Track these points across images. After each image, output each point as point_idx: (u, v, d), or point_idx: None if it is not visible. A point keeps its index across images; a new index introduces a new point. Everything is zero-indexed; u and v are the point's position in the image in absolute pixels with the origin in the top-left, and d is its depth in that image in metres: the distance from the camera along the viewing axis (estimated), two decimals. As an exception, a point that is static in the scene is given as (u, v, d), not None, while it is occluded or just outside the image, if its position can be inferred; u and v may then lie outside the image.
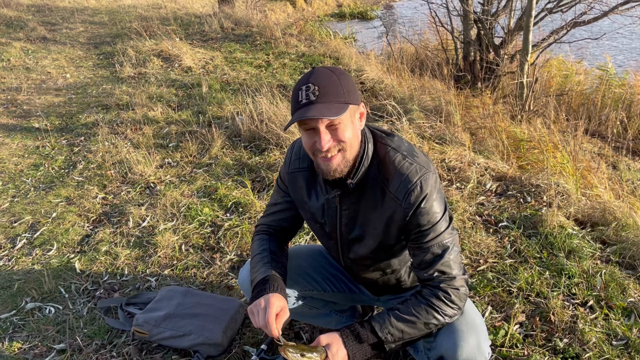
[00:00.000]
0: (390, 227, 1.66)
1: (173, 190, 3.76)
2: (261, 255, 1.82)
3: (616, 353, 2.16)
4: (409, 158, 1.62)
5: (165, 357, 2.32)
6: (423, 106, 5.10)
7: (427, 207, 1.58)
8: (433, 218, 1.60)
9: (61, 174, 4.27)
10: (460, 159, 3.88)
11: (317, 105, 1.47)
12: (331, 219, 1.77)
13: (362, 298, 2.14)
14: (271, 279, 1.71)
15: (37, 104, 5.96)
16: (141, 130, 4.88)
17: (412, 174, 1.59)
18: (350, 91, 1.52)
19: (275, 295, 1.64)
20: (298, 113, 1.49)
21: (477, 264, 2.78)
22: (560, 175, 3.67)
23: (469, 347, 1.64)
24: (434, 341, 1.71)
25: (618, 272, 2.63)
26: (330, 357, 1.56)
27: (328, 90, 1.48)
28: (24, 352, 2.41)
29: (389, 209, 1.63)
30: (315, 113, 1.46)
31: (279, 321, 1.61)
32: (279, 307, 1.62)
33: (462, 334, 1.65)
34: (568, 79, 7.00)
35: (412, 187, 1.58)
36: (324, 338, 1.60)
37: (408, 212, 1.59)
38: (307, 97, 1.47)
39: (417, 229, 1.61)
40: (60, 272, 2.97)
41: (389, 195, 1.62)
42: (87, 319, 2.59)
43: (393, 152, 1.64)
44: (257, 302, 1.63)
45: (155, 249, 3.11)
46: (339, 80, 1.51)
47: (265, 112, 4.62)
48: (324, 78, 1.50)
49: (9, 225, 3.53)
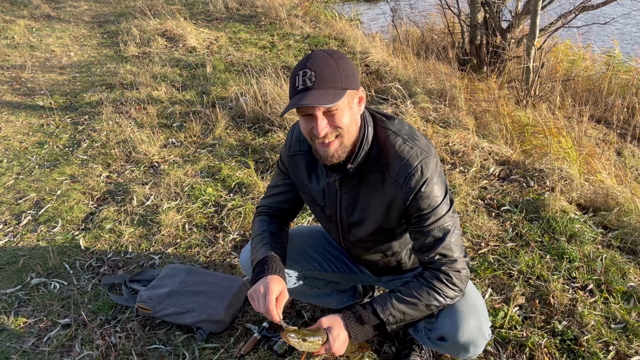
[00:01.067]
0: (391, 211, 1.67)
1: (177, 170, 3.77)
2: (261, 236, 1.83)
3: (614, 336, 2.18)
4: (410, 142, 1.61)
5: (168, 333, 2.35)
6: (428, 89, 5.08)
7: (427, 191, 1.58)
8: (434, 202, 1.60)
9: (65, 152, 4.29)
10: (464, 143, 3.87)
11: (313, 91, 1.45)
12: (331, 202, 1.77)
13: (363, 278, 2.16)
14: (270, 260, 1.72)
15: (42, 82, 5.96)
16: (145, 110, 4.88)
17: (413, 158, 1.58)
18: (348, 76, 1.50)
19: (274, 279, 1.65)
20: (294, 100, 1.47)
21: (478, 247, 2.80)
22: (564, 160, 3.67)
23: (469, 329, 1.66)
24: (435, 322, 1.73)
25: (619, 257, 2.64)
26: (331, 340, 1.58)
27: (325, 76, 1.45)
28: (29, 326, 2.45)
29: (389, 193, 1.63)
30: (310, 101, 1.44)
31: (279, 305, 1.62)
32: (278, 291, 1.63)
33: (463, 315, 1.66)
34: (575, 65, 6.94)
35: (412, 171, 1.57)
36: (326, 321, 1.62)
37: (409, 196, 1.59)
38: (303, 83, 1.46)
39: (418, 213, 1.62)
40: (65, 249, 3.00)
41: (389, 180, 1.62)
42: (91, 295, 2.63)
43: (393, 136, 1.62)
44: (256, 287, 1.64)
45: (159, 228, 3.13)
46: (336, 65, 1.48)
47: (269, 93, 4.61)
48: (321, 63, 1.47)
49: (14, 202, 3.56)
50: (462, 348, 1.70)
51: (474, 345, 1.69)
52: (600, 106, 6.04)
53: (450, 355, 2.00)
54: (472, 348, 1.70)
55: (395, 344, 2.18)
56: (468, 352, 1.72)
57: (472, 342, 1.68)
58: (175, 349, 2.25)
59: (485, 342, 1.73)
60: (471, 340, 1.68)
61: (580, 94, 6.26)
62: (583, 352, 2.10)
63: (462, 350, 1.72)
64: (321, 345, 1.59)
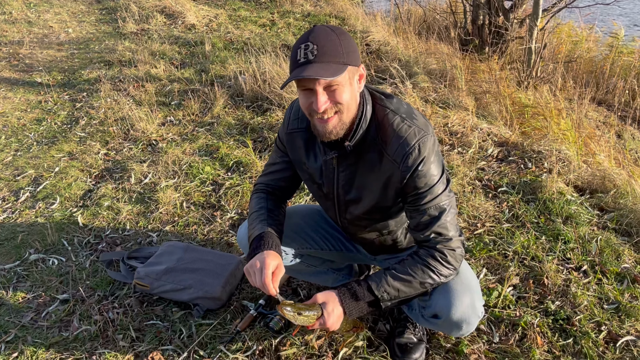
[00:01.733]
0: (388, 189, 1.67)
1: (175, 148, 3.77)
2: (258, 213, 1.84)
3: (607, 316, 2.20)
4: (408, 120, 1.61)
5: (165, 309, 2.38)
6: (428, 70, 5.05)
7: (424, 170, 1.59)
8: (430, 180, 1.60)
9: (63, 129, 4.28)
10: (463, 124, 3.86)
11: (314, 65, 1.44)
12: (328, 180, 1.78)
13: (359, 257, 2.18)
14: (266, 236, 1.73)
15: (39, 59, 5.91)
16: (143, 88, 4.85)
17: (411, 137, 1.58)
18: (350, 52, 1.49)
19: (271, 254, 1.66)
20: (295, 72, 1.46)
21: (474, 227, 2.81)
22: (563, 142, 3.66)
23: (463, 307, 1.68)
24: (429, 300, 1.75)
25: (614, 239, 2.65)
26: (326, 315, 1.60)
27: (327, 50, 1.45)
28: (28, 301, 2.48)
29: (386, 171, 1.64)
30: (311, 73, 1.43)
31: (275, 279, 1.63)
32: (274, 266, 1.64)
33: (457, 293, 1.68)
34: (577, 46, 6.88)
35: (410, 149, 1.57)
36: (321, 296, 1.64)
37: (405, 174, 1.59)
38: (305, 56, 1.45)
39: (414, 192, 1.62)
40: (63, 226, 3.01)
41: (386, 158, 1.62)
42: (89, 271, 2.65)
43: (392, 115, 1.62)
44: (253, 262, 1.65)
45: (157, 206, 3.14)
46: (338, 40, 1.47)
47: (268, 72, 4.59)
48: (324, 37, 1.46)
49: (12, 178, 3.56)
50: (455, 325, 1.73)
51: (466, 322, 1.71)
52: (601, 88, 6.00)
53: (444, 332, 2.02)
54: (465, 326, 1.73)
55: (389, 321, 2.21)
56: (461, 329, 1.74)
57: (465, 320, 1.70)
58: (172, 325, 2.28)
59: (478, 320, 1.75)
60: (464, 318, 1.70)
61: (582, 75, 6.22)
62: (575, 332, 2.13)
63: (455, 327, 1.74)
64: (316, 319, 1.61)
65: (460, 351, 2.04)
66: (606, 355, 2.03)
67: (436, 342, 2.10)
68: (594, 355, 2.03)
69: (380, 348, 2.08)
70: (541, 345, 2.07)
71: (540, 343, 2.08)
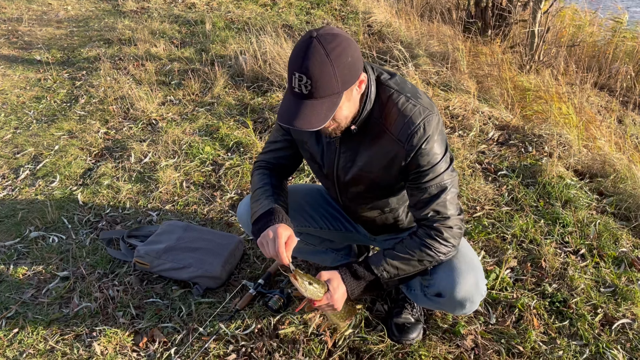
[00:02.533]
0: (391, 168, 1.67)
1: (175, 128, 3.76)
2: (263, 189, 1.83)
3: (603, 299, 2.22)
4: (413, 100, 1.60)
5: (165, 287, 2.39)
6: (430, 52, 5.01)
7: (427, 149, 1.59)
8: (433, 159, 1.60)
9: (63, 107, 4.26)
10: (464, 107, 3.84)
11: (307, 104, 1.42)
12: (330, 160, 1.78)
13: (359, 237, 2.19)
14: (276, 211, 1.73)
15: (39, 36, 5.86)
16: (143, 67, 4.82)
17: (416, 116, 1.58)
18: (345, 75, 1.43)
19: (282, 225, 1.67)
20: (288, 107, 1.46)
21: (473, 210, 2.81)
22: (564, 126, 3.65)
23: (467, 285, 1.69)
24: (432, 279, 1.76)
25: (612, 223, 2.66)
26: (332, 290, 1.64)
27: (321, 84, 1.40)
28: (28, 277, 2.49)
29: (390, 150, 1.63)
30: (302, 125, 1.43)
31: (288, 249, 1.64)
32: (286, 236, 1.65)
33: (461, 272, 1.69)
34: (580, 30, 6.82)
35: (415, 129, 1.57)
36: (325, 274, 1.67)
37: (410, 153, 1.59)
38: (299, 88, 1.42)
39: (417, 170, 1.63)
40: (63, 204, 3.02)
41: (390, 137, 1.62)
42: (89, 249, 2.66)
43: (396, 94, 1.61)
44: (265, 233, 1.66)
45: (157, 185, 3.14)
46: (333, 70, 1.40)
47: (269, 52, 4.55)
48: (318, 68, 1.39)
49: (12, 156, 3.56)
50: (459, 304, 1.74)
51: (470, 301, 1.73)
52: (604, 73, 5.97)
53: (446, 311, 2.04)
54: (469, 304, 1.74)
55: (387, 302, 2.23)
56: (464, 308, 1.76)
57: (468, 299, 1.72)
58: (172, 303, 2.29)
59: (481, 298, 1.76)
60: (468, 297, 1.72)
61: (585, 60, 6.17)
62: (571, 314, 2.15)
63: (459, 306, 1.75)
64: (323, 294, 1.64)
65: (457, 332, 2.06)
66: (601, 337, 2.05)
67: (433, 323, 2.12)
68: (590, 337, 2.05)
69: (378, 328, 2.10)
70: (537, 327, 2.09)
71: (537, 325, 2.10)
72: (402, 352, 1.98)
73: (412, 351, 1.98)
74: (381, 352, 1.98)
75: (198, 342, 2.07)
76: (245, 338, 2.08)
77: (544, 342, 2.03)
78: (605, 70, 5.99)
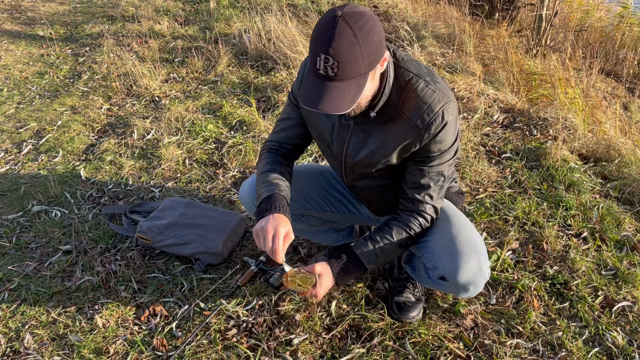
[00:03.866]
0: (402, 152, 1.65)
1: (178, 105, 3.74)
2: (267, 174, 1.81)
3: (604, 282, 2.22)
4: (432, 85, 1.56)
5: (167, 263, 2.40)
6: (436, 34, 4.96)
7: (442, 137, 1.58)
8: (443, 147, 1.60)
9: (66, 83, 4.24)
10: (469, 89, 3.82)
11: (334, 85, 1.38)
12: (339, 140, 1.75)
13: (361, 219, 2.18)
14: (276, 198, 1.71)
15: (42, 12, 5.82)
16: (147, 44, 4.79)
17: (435, 103, 1.54)
18: (371, 55, 1.39)
19: (282, 220, 1.65)
20: (313, 89, 1.41)
21: (476, 192, 2.81)
22: (569, 109, 3.63)
23: (470, 268, 1.69)
24: (436, 262, 1.76)
25: (615, 207, 2.65)
26: (318, 286, 1.69)
27: (347, 66, 1.36)
28: (31, 251, 2.50)
29: (405, 135, 1.61)
30: (329, 108, 1.39)
31: (283, 246, 1.64)
32: (284, 232, 1.64)
33: (464, 256, 1.69)
34: (588, 15, 6.74)
35: (434, 116, 1.54)
36: (319, 267, 1.71)
37: (425, 140, 1.58)
38: (324, 70, 1.37)
39: (426, 154, 1.62)
40: (66, 179, 3.02)
41: (407, 123, 1.58)
42: (92, 224, 2.66)
43: (415, 79, 1.57)
44: (265, 226, 1.63)
45: (159, 162, 3.14)
46: (361, 50, 1.36)
47: (273, 30, 4.51)
48: (346, 50, 1.34)
49: (15, 131, 3.55)
50: (463, 288, 1.74)
51: (474, 285, 1.73)
52: (611, 59, 5.90)
53: (450, 293, 2.04)
54: (472, 287, 1.74)
55: (388, 280, 2.23)
56: (468, 291, 1.76)
57: (472, 282, 1.71)
58: (173, 278, 2.30)
59: (485, 281, 1.76)
60: (472, 280, 1.71)
61: (592, 45, 6.11)
62: (572, 296, 2.15)
63: (463, 289, 1.75)
64: (309, 288, 1.69)
65: (457, 311, 2.07)
66: (601, 319, 2.06)
67: (433, 302, 2.13)
68: (590, 318, 2.05)
69: (378, 306, 2.11)
70: (537, 308, 2.10)
71: (537, 306, 2.10)
72: (401, 330, 1.99)
73: (412, 329, 1.99)
74: (381, 330, 1.99)
75: (199, 317, 2.08)
76: (246, 313, 2.09)
77: (544, 322, 2.04)
78: (612, 56, 5.92)
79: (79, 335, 2.02)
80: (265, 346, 1.94)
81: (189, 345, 1.94)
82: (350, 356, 1.89)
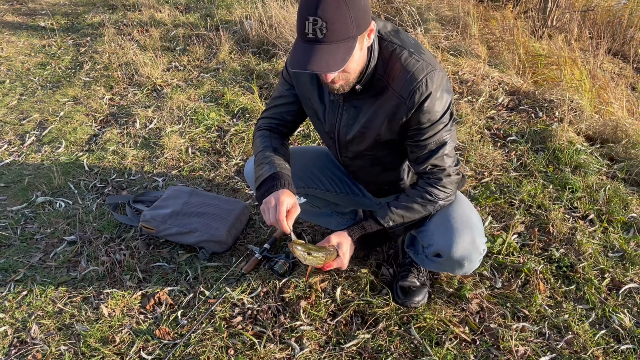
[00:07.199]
0: (392, 124, 1.66)
1: (180, 94, 3.72)
2: (264, 153, 1.81)
3: (611, 264, 2.20)
4: (416, 55, 1.57)
5: (171, 251, 2.40)
6: (441, 16, 4.89)
7: (429, 106, 1.56)
8: (433, 117, 1.59)
9: (68, 73, 4.23)
10: (474, 72, 3.77)
11: (322, 47, 1.37)
12: (332, 118, 1.76)
13: (364, 201, 2.17)
14: (279, 176, 1.72)
15: (43, 2, 5.79)
16: (148, 32, 4.76)
17: (418, 72, 1.55)
18: (359, 19, 1.39)
19: (285, 192, 1.66)
20: (302, 52, 1.40)
21: (481, 176, 2.78)
22: (576, 91, 3.57)
23: (463, 244, 1.70)
24: (431, 239, 1.78)
25: (622, 188, 2.62)
26: (342, 255, 1.68)
27: (336, 27, 1.36)
28: (35, 241, 2.51)
29: (392, 107, 1.62)
30: (319, 68, 1.39)
31: (290, 217, 1.64)
32: (289, 204, 1.64)
33: (457, 231, 1.71)
34: (595, -6, 6.62)
35: (417, 85, 1.54)
36: (334, 237, 1.70)
37: (411, 110, 1.58)
38: (314, 32, 1.37)
39: (416, 126, 1.62)
40: (69, 169, 3.02)
41: (392, 94, 1.60)
42: (96, 214, 2.67)
43: (399, 50, 1.58)
44: (268, 200, 1.65)
45: (162, 151, 3.13)
46: (349, 11, 1.36)
47: (274, 17, 4.46)
48: (334, 10, 1.35)
49: (18, 122, 3.55)
50: (457, 263, 1.75)
51: (468, 260, 1.74)
52: (618, 39, 5.81)
53: (448, 272, 2.03)
54: (467, 263, 1.75)
55: (393, 266, 2.22)
56: (463, 267, 1.77)
57: (466, 257, 1.73)
58: (178, 267, 2.30)
59: (480, 257, 1.76)
60: (465, 256, 1.72)
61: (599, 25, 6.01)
62: (578, 279, 2.13)
63: (458, 265, 1.76)
64: (324, 261, 1.67)
65: (463, 295, 2.06)
66: (608, 301, 2.04)
67: (439, 287, 2.12)
68: (596, 301, 2.04)
69: (383, 292, 2.10)
70: (543, 291, 2.08)
71: (543, 289, 2.09)
72: (406, 315, 1.99)
73: (417, 314, 1.99)
74: (386, 315, 1.98)
75: (204, 305, 2.08)
76: (251, 301, 2.09)
77: (550, 305, 2.03)
78: (619, 36, 5.83)
79: (85, 324, 2.03)
80: (271, 333, 1.94)
81: (194, 333, 1.94)
82: (355, 342, 1.89)
